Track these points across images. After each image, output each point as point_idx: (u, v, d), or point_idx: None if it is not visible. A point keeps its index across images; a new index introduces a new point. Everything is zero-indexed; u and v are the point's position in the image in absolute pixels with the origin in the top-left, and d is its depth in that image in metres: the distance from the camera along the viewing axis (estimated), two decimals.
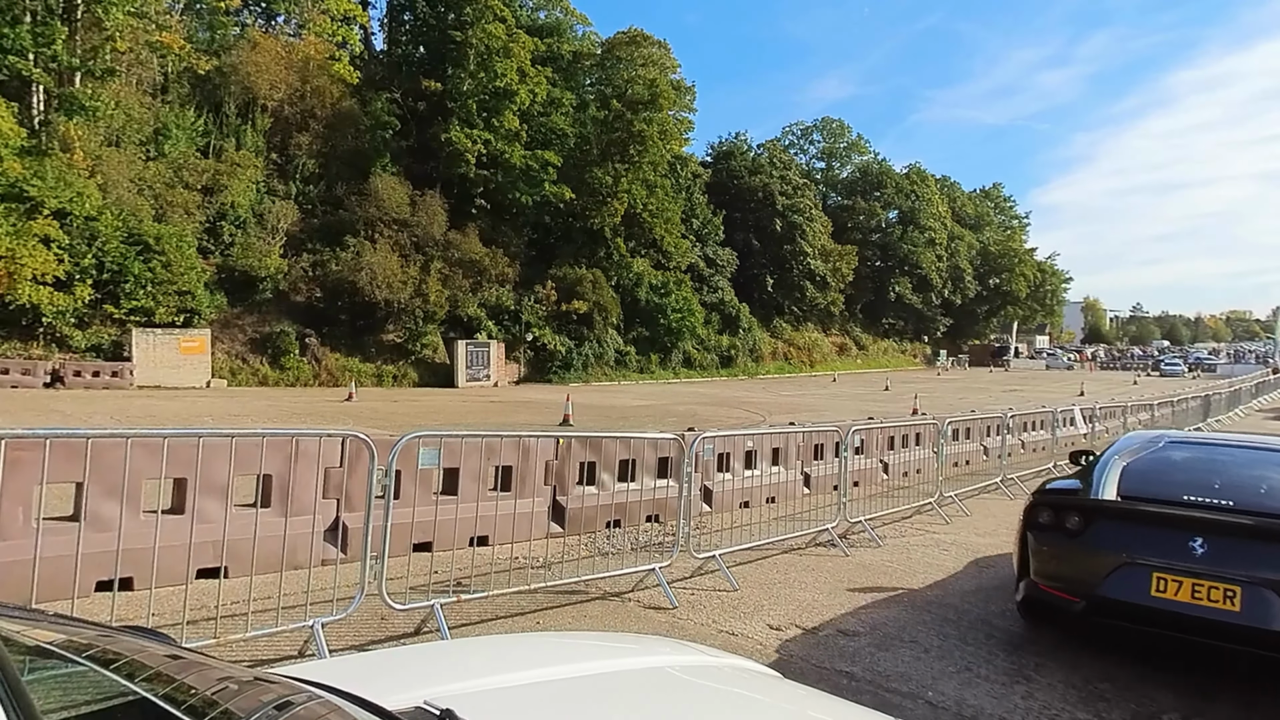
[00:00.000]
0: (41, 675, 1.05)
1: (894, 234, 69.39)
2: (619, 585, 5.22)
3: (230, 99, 34.92)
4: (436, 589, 4.33)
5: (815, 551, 6.55)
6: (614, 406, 24.54)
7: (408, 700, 1.33)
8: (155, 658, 1.20)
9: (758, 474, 8.46)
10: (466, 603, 4.47)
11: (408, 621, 4.33)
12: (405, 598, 4.18)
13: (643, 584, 5.26)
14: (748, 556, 6.14)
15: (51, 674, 1.07)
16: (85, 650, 1.14)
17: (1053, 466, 11.60)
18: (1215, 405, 23.36)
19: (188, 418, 16.73)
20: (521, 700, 1.52)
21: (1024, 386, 43.64)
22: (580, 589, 5.10)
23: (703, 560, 5.63)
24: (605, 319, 41.60)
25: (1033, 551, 4.53)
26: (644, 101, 44.55)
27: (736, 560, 6.02)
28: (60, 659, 1.10)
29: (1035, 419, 13.58)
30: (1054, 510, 4.57)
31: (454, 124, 39.71)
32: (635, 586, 5.23)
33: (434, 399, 25.96)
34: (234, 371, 28.72)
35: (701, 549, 5.70)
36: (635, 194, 43.99)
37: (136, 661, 1.14)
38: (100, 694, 1.06)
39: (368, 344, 33.17)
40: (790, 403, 29.56)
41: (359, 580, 3.88)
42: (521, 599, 4.74)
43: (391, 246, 34.58)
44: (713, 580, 5.46)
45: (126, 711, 1.01)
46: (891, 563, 6.23)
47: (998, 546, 6.95)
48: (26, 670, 1.00)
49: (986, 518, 8.34)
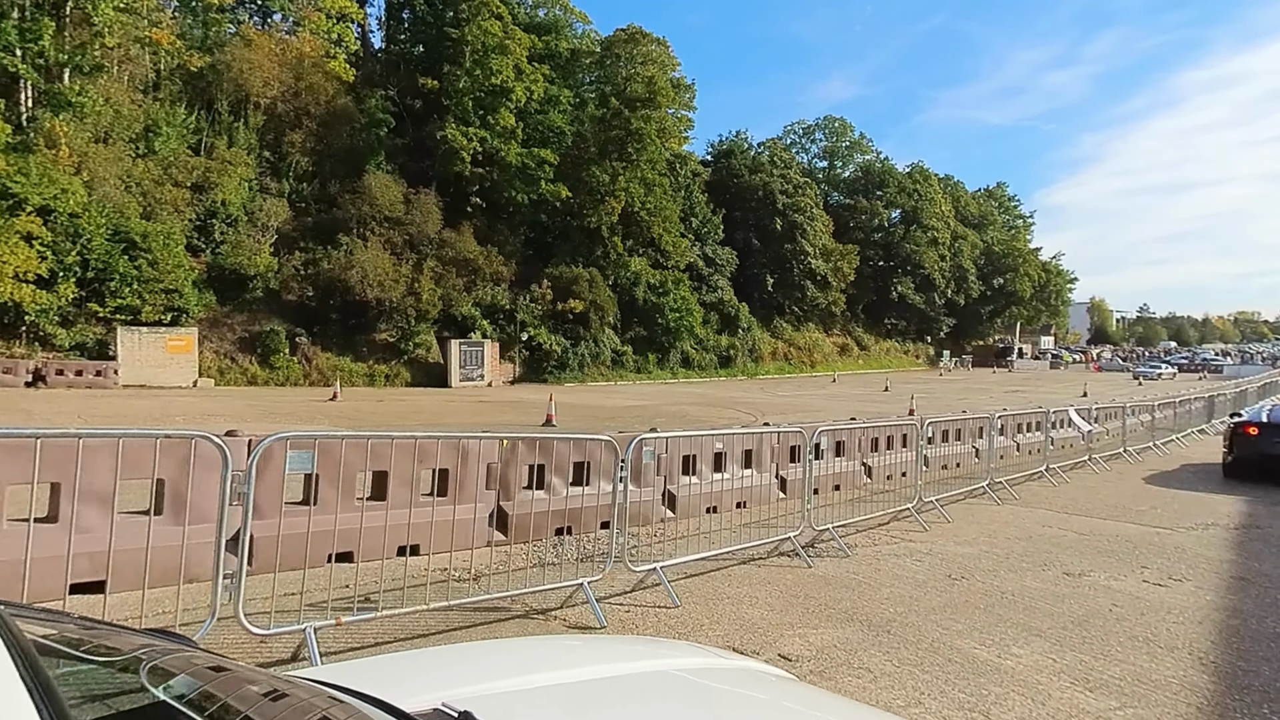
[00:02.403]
0: (69, 676, 1.06)
1: (896, 233, 68.74)
2: (547, 601, 4.77)
3: (223, 96, 34.64)
4: (313, 611, 3.88)
5: (777, 562, 6.09)
6: (604, 407, 24.10)
7: (426, 702, 1.33)
8: (178, 660, 1.22)
9: (727, 477, 8.02)
10: (353, 625, 4.02)
11: (284, 647, 3.89)
12: (269, 620, 3.73)
13: (572, 600, 4.81)
14: (701, 568, 5.69)
15: (78, 675, 1.08)
16: (110, 652, 1.19)
17: (1045, 470, 11.11)
18: (1221, 407, 22.77)
19: (160, 418, 16.37)
20: (539, 702, 1.53)
21: (1026, 387, 43.02)
22: (503, 605, 4.65)
23: (644, 573, 5.18)
24: (602, 318, 41.17)
25: (1236, 443, 11.54)
26: (642, 99, 44.10)
27: (687, 572, 5.57)
28: (86, 660, 1.13)
29: (1029, 420, 13.07)
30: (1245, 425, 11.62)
31: (450, 121, 39.36)
32: (564, 603, 4.78)
33: (421, 399, 25.58)
34: (222, 371, 28.41)
35: (642, 561, 5.26)
36: (633, 192, 43.54)
37: (161, 664, 1.17)
38: (126, 696, 1.08)
39: (359, 343, 32.83)
40: (786, 403, 29.07)
41: (210, 601, 3.45)
42: (430, 618, 4.29)
43: (384, 245, 34.25)
44: (654, 595, 5.01)
45: (152, 714, 1.01)
46: (856, 575, 5.77)
47: (976, 557, 6.48)
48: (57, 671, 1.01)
49: (969, 525, 7.86)
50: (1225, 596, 5.51)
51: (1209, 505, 9.46)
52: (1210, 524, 8.29)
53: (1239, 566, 6.42)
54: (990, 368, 69.37)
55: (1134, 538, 7.47)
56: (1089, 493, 10.16)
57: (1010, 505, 9.06)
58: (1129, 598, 5.38)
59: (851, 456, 9.78)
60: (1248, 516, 8.81)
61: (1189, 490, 10.60)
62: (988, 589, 5.48)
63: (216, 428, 14.60)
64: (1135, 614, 5.01)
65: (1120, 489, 10.60)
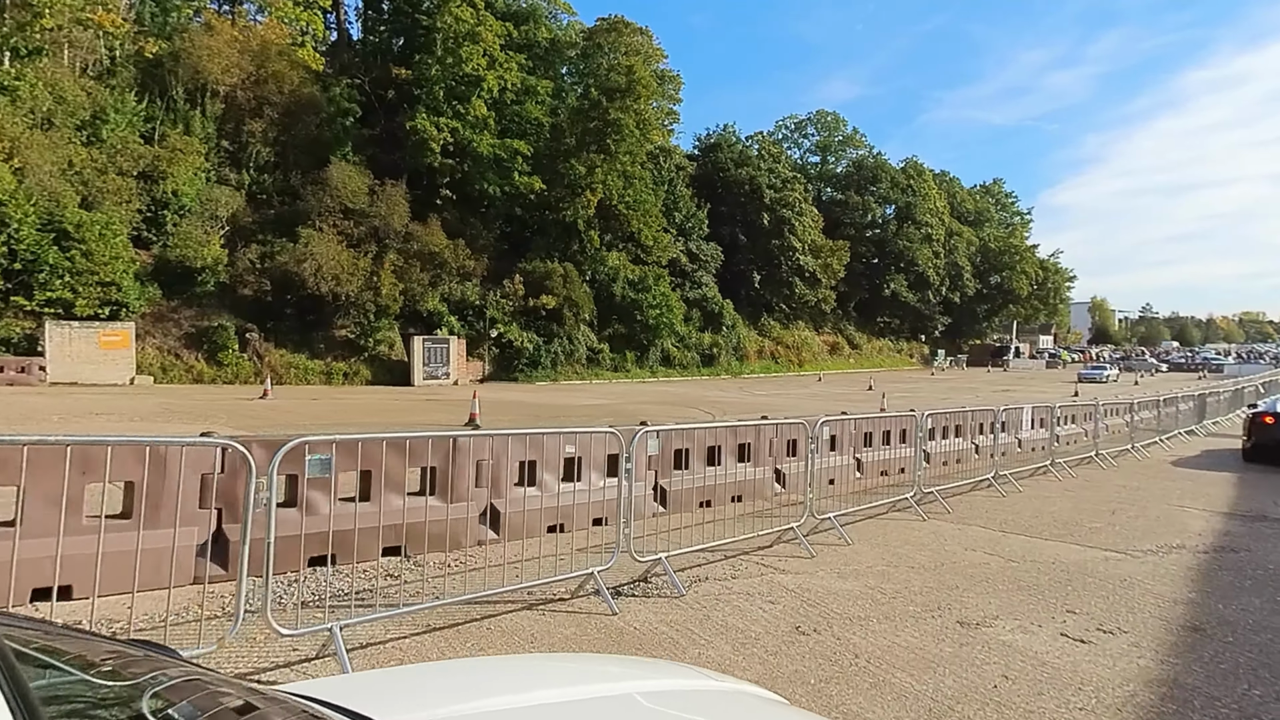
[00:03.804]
0: (50, 688, 1.03)
1: (889, 230, 67.14)
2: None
3: (178, 83, 33.32)
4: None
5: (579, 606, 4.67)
6: (561, 406, 22.73)
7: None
8: (164, 672, 1.21)
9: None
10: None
11: None
12: None
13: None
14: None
15: (57, 685, 1.06)
16: (93, 663, 1.17)
17: (993, 477, 9.67)
18: (1214, 407, 21.29)
19: (66, 416, 15.01)
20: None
21: (1017, 386, 41.51)
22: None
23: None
24: (577, 315, 39.77)
25: (1255, 431, 13.07)
26: (620, 89, 42.67)
27: None
28: (68, 672, 1.10)
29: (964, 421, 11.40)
30: (1263, 415, 13.19)
31: (421, 112, 38.04)
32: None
33: (365, 397, 24.23)
34: (165, 368, 27.08)
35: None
36: (611, 185, 42.09)
37: (145, 676, 1.16)
38: (104, 707, 1.07)
39: (316, 340, 31.47)
40: (760, 403, 27.67)
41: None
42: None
43: (343, 237, 32.87)
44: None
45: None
46: (670, 626, 4.35)
47: (852, 596, 5.04)
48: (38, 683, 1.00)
49: (871, 548, 6.43)
50: (1167, 660, 4.09)
51: (1178, 522, 8.03)
52: (1175, 546, 6.87)
53: (1195, 611, 5.00)
54: (985, 367, 67.76)
55: (1073, 566, 6.05)
56: (1040, 505, 8.73)
57: (937, 521, 7.62)
58: (1032, 663, 3.96)
59: (762, 463, 8.38)
60: (1222, 536, 7.38)
61: (1159, 504, 9.17)
62: (838, 649, 4.05)
63: (91, 428, 13.22)
64: (1030, 693, 3.60)
65: (1079, 500, 9.17)
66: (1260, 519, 8.33)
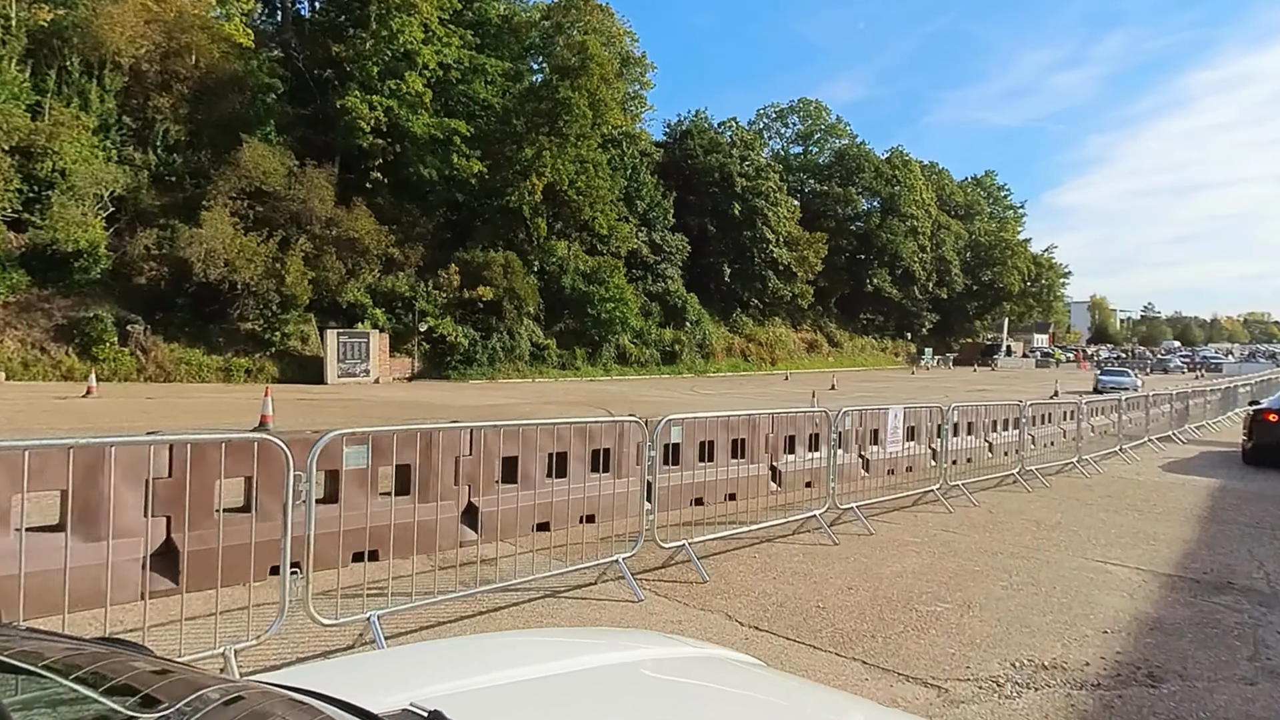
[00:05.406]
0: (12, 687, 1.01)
1: (873, 223, 64.07)
2: None
3: (73, 53, 30.50)
4: None
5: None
6: (440, 407, 19.86)
7: (394, 703, 1.29)
8: (132, 669, 1.18)
9: None
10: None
11: None
12: None
13: None
14: None
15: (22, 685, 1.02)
16: (61, 665, 1.13)
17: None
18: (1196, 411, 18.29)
19: None
20: (510, 699, 1.48)
21: (997, 386, 38.55)
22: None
23: None
24: (519, 308, 36.85)
25: (1256, 430, 11.97)
26: (572, 68, 39.76)
27: None
28: (30, 672, 1.06)
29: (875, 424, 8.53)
30: (1265, 412, 12.05)
31: (353, 89, 35.19)
32: None
33: (235, 396, 21.36)
34: (27, 363, 24.23)
35: None
36: (562, 170, 39.12)
37: (114, 674, 1.13)
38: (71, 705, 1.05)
39: (214, 334, 28.61)
40: (700, 403, 24.78)
41: None
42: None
43: (252, 221, 30.01)
44: None
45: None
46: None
47: None
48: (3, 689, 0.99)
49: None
50: None
51: (1081, 599, 5.07)
52: (1046, 666, 3.93)
53: None
54: (972, 366, 64.66)
55: None
56: (884, 557, 5.77)
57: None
58: None
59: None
60: (1145, 636, 4.44)
61: (1074, 555, 6.20)
62: None
63: None
64: None
65: (950, 548, 6.22)
66: (1223, 589, 5.38)
